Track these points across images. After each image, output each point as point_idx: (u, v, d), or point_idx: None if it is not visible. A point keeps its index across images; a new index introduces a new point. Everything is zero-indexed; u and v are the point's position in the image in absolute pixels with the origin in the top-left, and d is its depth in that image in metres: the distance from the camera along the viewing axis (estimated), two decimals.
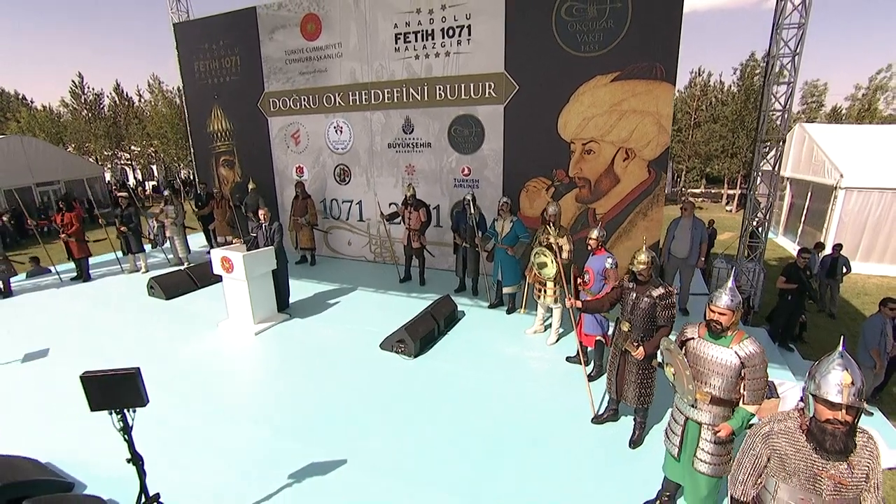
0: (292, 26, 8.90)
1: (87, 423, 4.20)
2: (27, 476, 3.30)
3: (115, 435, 3.15)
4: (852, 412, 1.76)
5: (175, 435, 4.09)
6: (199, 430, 4.14)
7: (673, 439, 2.86)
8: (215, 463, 3.69)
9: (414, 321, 5.54)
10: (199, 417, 4.34)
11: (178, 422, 4.27)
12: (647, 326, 3.50)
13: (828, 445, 1.77)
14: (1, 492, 3.09)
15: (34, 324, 6.79)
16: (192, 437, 4.07)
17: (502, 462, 3.69)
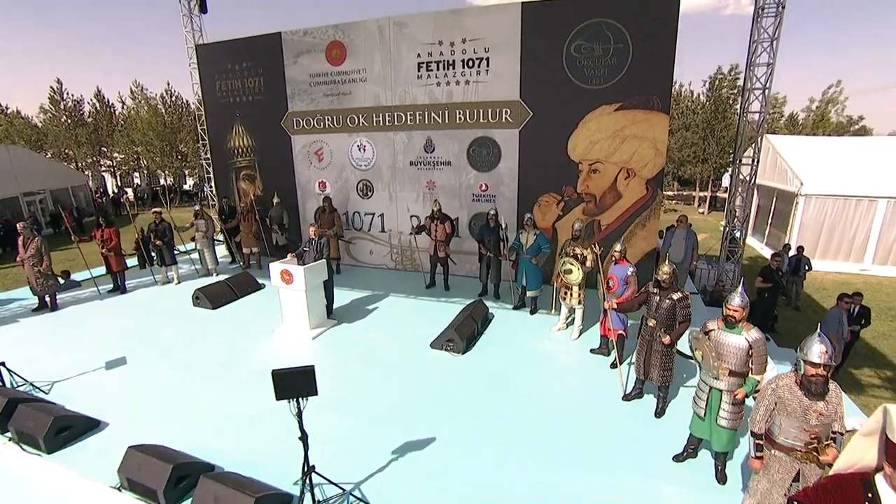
0: (317, 52, 9.64)
1: (191, 419, 4.99)
2: (182, 459, 4.04)
3: (221, 427, 3.95)
4: (827, 369, 2.79)
5: (283, 424, 4.88)
6: (316, 420, 4.93)
7: (700, 404, 3.85)
8: (326, 448, 4.46)
9: (458, 323, 6.43)
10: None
11: (281, 414, 5.04)
12: (669, 322, 4.50)
13: (813, 390, 2.79)
14: (173, 471, 3.84)
15: (95, 335, 7.34)
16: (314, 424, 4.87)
17: (557, 432, 4.63)
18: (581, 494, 3.83)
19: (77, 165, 31.39)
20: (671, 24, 7.26)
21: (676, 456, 4.19)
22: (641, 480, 3.98)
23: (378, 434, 4.62)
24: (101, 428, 5.01)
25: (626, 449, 4.38)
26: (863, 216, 14.15)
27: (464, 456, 4.32)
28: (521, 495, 3.83)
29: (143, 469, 3.95)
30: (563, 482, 3.97)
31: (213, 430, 4.82)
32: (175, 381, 5.88)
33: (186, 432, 4.75)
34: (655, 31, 7.32)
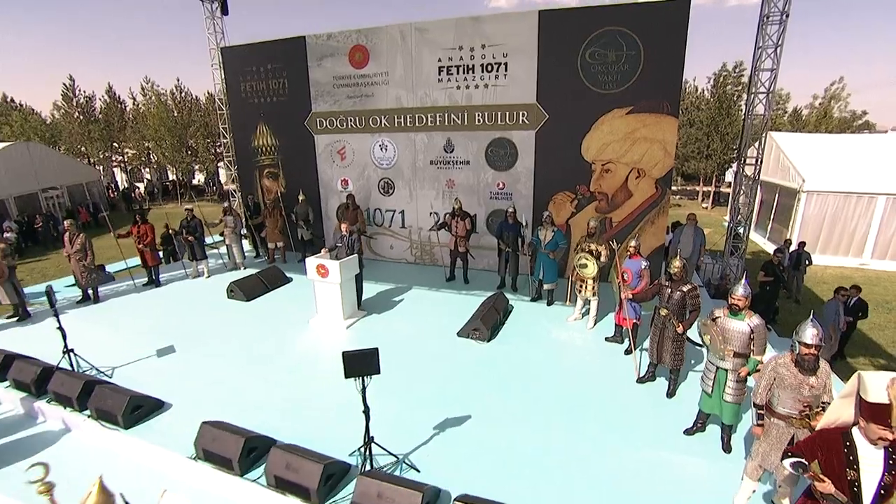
0: (341, 55, 10.10)
1: (244, 401, 5.53)
2: (250, 434, 4.57)
3: (272, 408, 4.44)
4: (818, 349, 3.30)
5: (327, 406, 5.42)
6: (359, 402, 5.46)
7: (708, 382, 4.37)
8: (376, 425, 5.00)
9: (483, 313, 6.96)
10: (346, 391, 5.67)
11: (332, 396, 5.58)
12: (679, 311, 5.01)
13: (805, 366, 3.30)
14: (245, 443, 4.37)
15: (140, 325, 7.88)
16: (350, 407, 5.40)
17: (578, 410, 5.16)
18: (602, 463, 4.36)
19: (89, 161, 31.88)
20: (681, 33, 7.71)
21: (687, 430, 4.72)
22: (656, 451, 4.51)
23: (419, 413, 5.15)
24: (166, 408, 5.55)
25: (642, 424, 4.91)
26: (863, 212, 14.60)
27: (495, 430, 4.85)
28: (546, 464, 4.36)
29: (218, 441, 4.50)
30: (584, 452, 4.51)
31: (266, 411, 5.34)
32: (223, 366, 6.42)
33: (242, 413, 5.25)
34: (666, 39, 7.77)
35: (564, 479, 4.16)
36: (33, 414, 5.87)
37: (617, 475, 4.21)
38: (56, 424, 5.65)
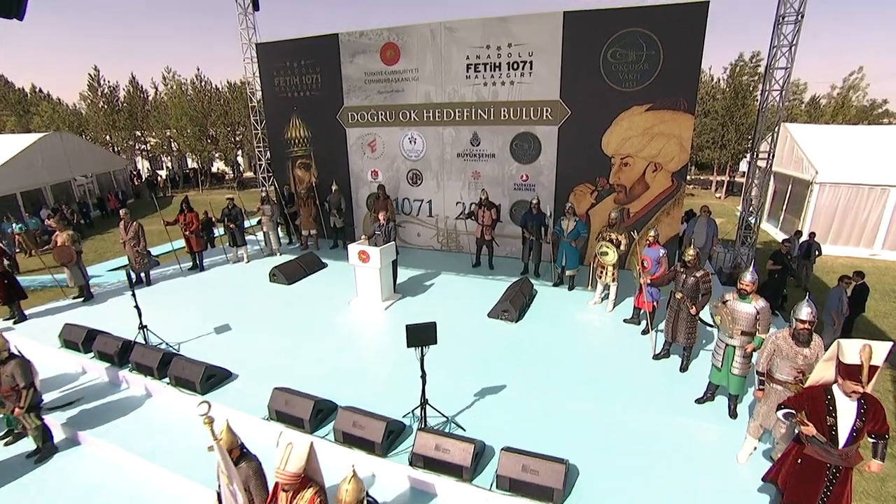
0: (372, 52, 10.64)
1: (300, 373, 6.22)
2: (315, 398, 5.28)
3: (327, 378, 5.10)
4: (811, 324, 3.89)
5: (375, 376, 6.13)
6: (401, 373, 6.17)
7: (718, 357, 4.98)
8: (428, 391, 5.69)
9: (511, 296, 7.60)
10: (390, 365, 6.38)
11: (380, 369, 6.28)
12: (693, 295, 5.60)
13: (800, 339, 3.90)
14: (315, 405, 5.08)
15: (194, 305, 8.63)
16: (395, 378, 6.10)
17: (600, 383, 5.80)
18: (623, 426, 5.02)
19: (114, 150, 32.77)
20: (699, 35, 8.16)
21: (698, 399, 5.35)
22: (671, 417, 5.15)
23: (461, 382, 5.83)
24: (233, 378, 6.30)
25: (658, 394, 5.55)
26: (875, 203, 14.90)
27: (528, 397, 5.53)
28: (576, 426, 5.02)
29: (289, 404, 5.22)
30: (608, 417, 5.16)
31: (322, 381, 6.02)
32: (277, 342, 7.15)
33: (300, 382, 5.90)
34: (684, 40, 8.22)
35: (592, 438, 4.82)
36: (117, 381, 6.67)
37: (638, 435, 4.87)
38: (139, 390, 6.44)
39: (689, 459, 4.55)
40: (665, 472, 4.38)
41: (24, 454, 5.53)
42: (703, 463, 4.51)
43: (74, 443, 5.74)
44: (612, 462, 4.52)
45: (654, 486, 4.23)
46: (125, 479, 5.11)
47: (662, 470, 4.41)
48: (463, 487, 4.28)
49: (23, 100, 31.67)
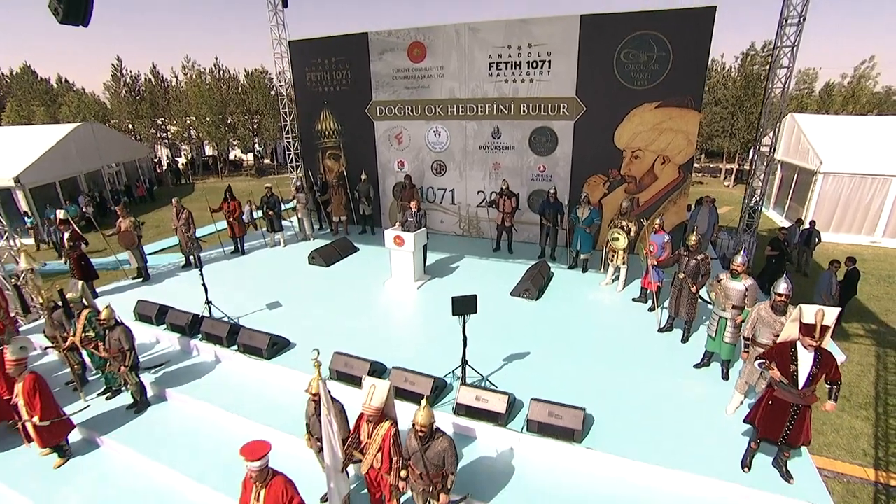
0: (400, 50, 11.41)
1: (349, 341, 7.15)
2: (371, 360, 6.22)
3: (373, 347, 6.01)
4: (787, 297, 4.73)
5: (421, 343, 7.07)
6: (436, 343, 7.11)
7: (712, 328, 5.85)
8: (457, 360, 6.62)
9: (531, 276, 8.48)
10: (426, 336, 7.32)
11: (418, 339, 7.22)
12: (694, 275, 6.44)
13: (778, 310, 4.75)
14: (371, 366, 6.03)
15: (243, 284, 9.59)
16: (432, 346, 7.04)
17: (613, 352, 6.70)
18: (634, 387, 5.92)
19: (136, 138, 33.81)
20: (706, 37, 8.85)
21: (696, 364, 6.25)
22: (674, 379, 6.05)
23: (490, 350, 6.75)
24: (292, 346, 7.27)
25: (662, 361, 6.46)
26: (877, 192, 15.51)
27: (550, 364, 6.45)
28: (592, 386, 5.94)
29: (347, 365, 6.18)
30: (620, 380, 6.07)
31: (370, 348, 6.95)
32: (325, 316, 8.11)
33: (352, 349, 6.88)
34: (693, 43, 8.92)
35: (605, 395, 5.74)
36: (188, 350, 7.68)
37: (644, 393, 5.78)
38: (209, 357, 7.45)
39: (686, 411, 5.46)
40: (666, 421, 5.30)
41: (124, 406, 6.58)
42: (699, 414, 5.42)
43: (162, 399, 6.78)
44: (623, 413, 5.44)
45: (657, 430, 5.15)
46: (211, 426, 6.14)
47: (664, 419, 5.33)
48: (499, 431, 5.23)
49: (49, 90, 32.68)
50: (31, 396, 5.53)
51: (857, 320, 10.47)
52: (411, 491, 4.19)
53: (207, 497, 5.14)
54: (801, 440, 4.15)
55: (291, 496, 3.80)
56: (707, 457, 4.76)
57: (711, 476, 4.54)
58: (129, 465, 5.81)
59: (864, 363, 8.82)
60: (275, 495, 3.75)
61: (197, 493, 5.23)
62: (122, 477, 5.66)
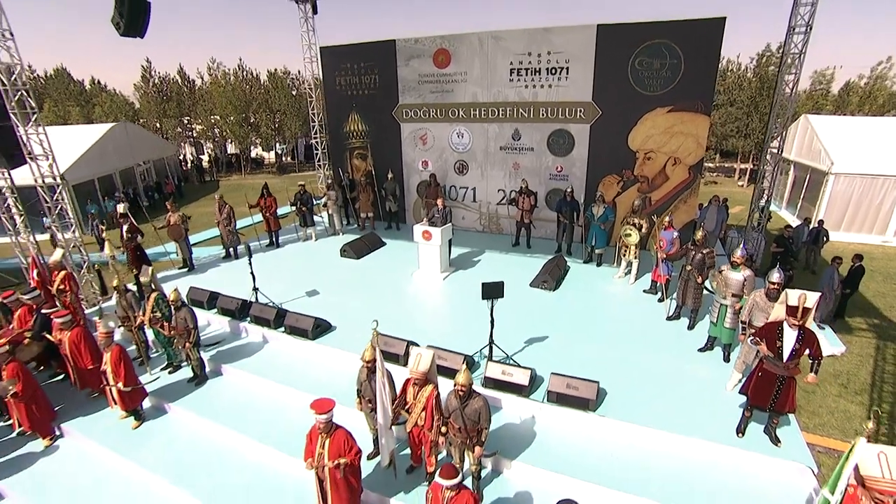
0: (426, 57, 12.14)
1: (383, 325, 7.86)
2: (408, 340, 6.97)
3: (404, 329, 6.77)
4: (779, 285, 5.37)
5: (448, 327, 7.80)
6: (463, 327, 7.84)
7: (713, 314, 6.49)
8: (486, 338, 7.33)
9: (549, 269, 9.17)
10: (452, 321, 8.04)
11: (445, 323, 7.95)
12: (700, 268, 7.08)
13: (771, 297, 5.39)
14: (408, 345, 6.78)
15: (281, 274, 10.39)
16: (459, 329, 7.76)
17: (625, 337, 7.37)
18: (644, 368, 6.59)
19: (163, 136, 35.05)
20: (716, 46, 9.42)
21: (700, 349, 6.90)
22: (680, 362, 6.71)
23: (514, 333, 7.45)
24: (333, 328, 8.06)
25: (669, 345, 7.11)
26: (888, 193, 15.83)
27: (567, 347, 7.15)
28: (607, 367, 6.61)
29: (388, 344, 6.92)
30: (629, 361, 6.74)
31: (404, 330, 7.70)
32: (360, 302, 8.89)
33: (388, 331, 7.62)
34: (703, 51, 9.50)
35: (617, 374, 6.41)
36: (237, 332, 8.52)
37: (653, 373, 6.45)
38: (257, 338, 8.28)
39: (690, 387, 6.13)
40: (672, 395, 5.97)
41: (185, 380, 7.43)
42: (701, 390, 6.08)
43: (218, 373, 7.62)
44: (632, 388, 6.12)
45: (663, 403, 5.82)
46: (264, 396, 6.96)
47: (670, 393, 6.00)
48: (522, 401, 5.96)
49: (83, 91, 34.05)
50: (117, 365, 6.40)
51: (861, 315, 10.94)
52: (450, 445, 4.92)
53: (267, 454, 5.94)
54: (787, 407, 4.80)
55: (351, 445, 4.57)
56: (707, 425, 5.43)
57: (710, 440, 5.21)
58: (194, 428, 6.66)
59: (864, 354, 9.33)
60: (337, 444, 4.52)
61: (256, 452, 6.03)
62: (189, 438, 6.51)
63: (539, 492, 5.05)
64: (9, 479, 6.10)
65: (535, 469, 5.19)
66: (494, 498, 5.06)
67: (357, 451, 4.58)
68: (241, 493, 5.44)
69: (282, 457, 5.80)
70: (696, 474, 5.02)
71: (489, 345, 6.49)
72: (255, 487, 5.53)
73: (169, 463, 6.03)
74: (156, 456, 6.19)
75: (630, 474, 5.03)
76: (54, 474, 6.20)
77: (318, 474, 4.61)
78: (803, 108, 27.04)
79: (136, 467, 6.07)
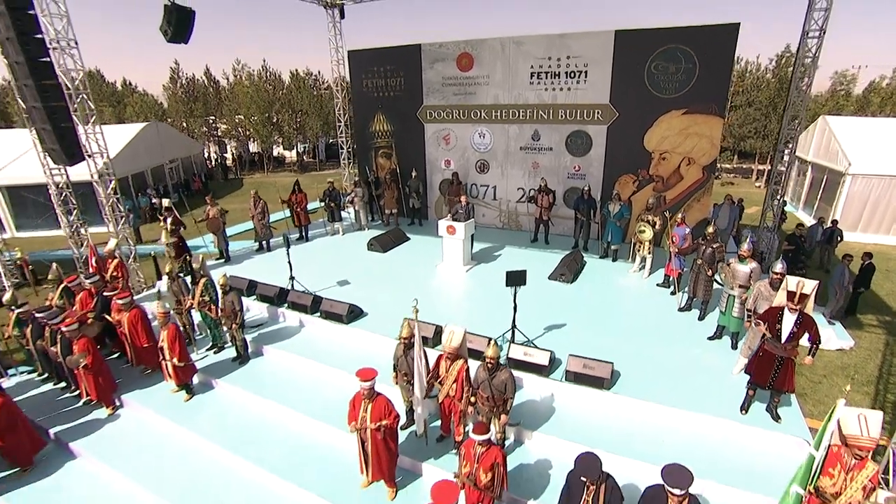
0: (450, 60, 12.71)
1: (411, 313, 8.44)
2: (437, 325, 7.55)
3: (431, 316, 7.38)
4: (781, 275, 5.80)
5: (473, 314, 8.37)
6: (486, 316, 8.40)
7: (722, 304, 6.94)
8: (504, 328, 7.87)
9: (567, 263, 9.67)
10: (475, 310, 8.61)
11: (470, 310, 8.52)
12: (710, 262, 7.53)
13: (774, 286, 5.83)
14: (436, 329, 7.36)
15: (312, 266, 11.02)
16: (483, 316, 8.32)
17: (639, 328, 7.84)
18: (658, 355, 7.05)
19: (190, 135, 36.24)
20: (730, 51, 9.83)
21: (710, 337, 7.35)
22: (692, 349, 7.17)
23: (534, 321, 7.96)
24: (365, 314, 8.68)
25: (681, 334, 7.58)
26: None
27: (583, 333, 7.65)
28: (622, 353, 7.09)
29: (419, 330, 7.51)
30: (646, 349, 7.20)
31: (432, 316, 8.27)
32: (387, 292, 9.47)
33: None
34: (717, 56, 9.90)
35: (632, 359, 6.90)
36: (275, 316, 9.18)
37: (664, 358, 6.92)
38: (294, 322, 8.93)
39: (699, 371, 6.60)
40: (682, 378, 6.45)
41: (230, 359, 8.11)
42: (709, 373, 6.55)
43: (259, 354, 8.28)
44: (645, 371, 6.61)
45: (673, 384, 6.30)
46: (303, 374, 7.60)
47: (680, 376, 6.48)
48: (542, 380, 6.50)
49: (115, 92, 35.42)
50: (173, 342, 7.10)
51: (873, 312, 11.23)
52: (478, 414, 5.48)
53: (309, 425, 6.57)
54: (786, 386, 5.25)
55: (390, 410, 5.16)
56: (713, 403, 5.90)
57: (716, 416, 5.69)
58: (241, 401, 7.33)
59: (873, 349, 9.66)
60: (378, 408, 5.11)
61: (298, 422, 6.66)
62: (235, 411, 7.18)
63: (557, 459, 5.59)
64: (81, 440, 6.85)
65: (553, 439, 5.73)
66: (517, 464, 5.61)
67: (396, 415, 5.17)
68: (287, 458, 6.07)
69: (322, 426, 6.43)
70: (702, 446, 5.50)
71: (512, 329, 7.04)
72: (298, 452, 6.17)
73: (220, 430, 6.71)
74: (207, 424, 6.87)
75: (642, 446, 5.53)
76: (119, 438, 6.93)
77: (360, 436, 5.21)
78: (823, 110, 27.00)
79: (190, 434, 6.76)
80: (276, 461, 6.03)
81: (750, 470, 5.16)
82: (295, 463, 6.00)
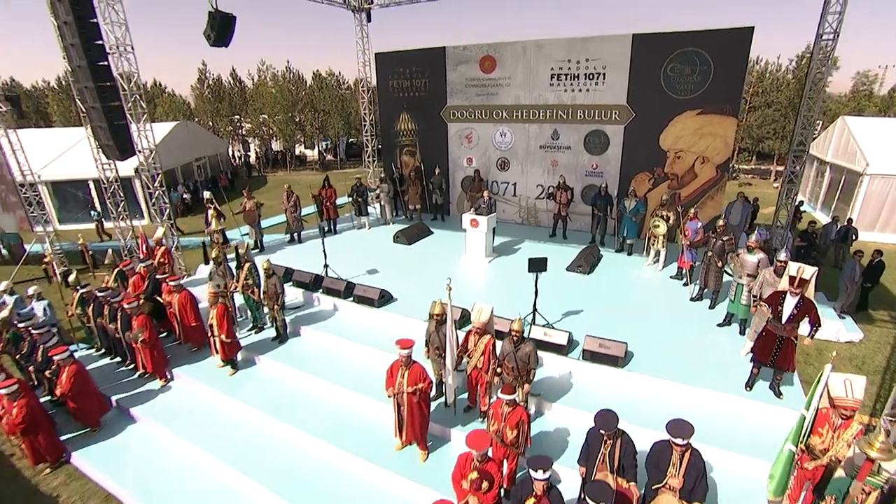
0: (473, 63, 13.29)
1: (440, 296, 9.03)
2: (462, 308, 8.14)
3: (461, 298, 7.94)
4: (785, 262, 6.25)
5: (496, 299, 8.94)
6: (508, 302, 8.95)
7: (731, 293, 7.40)
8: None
9: (584, 255, 10.18)
10: (500, 297, 9.17)
11: (494, 297, 9.10)
12: (721, 254, 7.98)
13: (779, 273, 6.29)
14: (462, 312, 7.95)
15: (342, 257, 11.66)
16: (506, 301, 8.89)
17: (654, 316, 8.32)
18: (671, 340, 7.54)
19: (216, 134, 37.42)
20: (744, 53, 10.23)
21: (719, 324, 7.82)
22: (703, 335, 7.64)
23: (553, 308, 8.50)
24: (395, 299, 9.30)
25: (692, 321, 8.05)
26: None
27: (599, 319, 8.17)
28: (638, 338, 7.55)
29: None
30: (661, 335, 7.69)
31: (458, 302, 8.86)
32: (414, 280, 10.07)
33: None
34: (731, 58, 10.30)
35: (645, 342, 7.40)
36: (310, 301, 9.86)
37: (676, 342, 7.41)
38: (328, 306, 9.59)
39: (708, 353, 7.08)
40: (692, 359, 6.93)
41: (270, 339, 8.80)
42: (718, 355, 7.02)
43: (297, 334, 8.96)
44: (657, 353, 7.11)
45: (684, 364, 6.79)
46: (338, 353, 8.25)
47: (691, 358, 6.97)
48: (561, 359, 7.04)
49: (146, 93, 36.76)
50: (221, 319, 7.80)
51: (884, 308, 11.48)
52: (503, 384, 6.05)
53: (344, 395, 7.21)
54: (786, 365, 5.72)
55: (425, 376, 5.76)
56: (720, 381, 6.39)
57: (723, 392, 6.18)
58: (282, 376, 8.01)
59: (882, 342, 9.96)
60: (414, 375, 5.72)
61: (336, 393, 7.31)
62: (276, 383, 7.86)
63: (574, 427, 6.13)
64: (140, 406, 7.61)
65: (571, 409, 6.28)
66: (537, 431, 6.16)
67: (430, 381, 5.77)
68: (325, 424, 6.70)
69: (357, 396, 7.07)
70: (711, 419, 5.98)
71: (533, 311, 7.59)
72: (335, 419, 6.81)
73: (263, 400, 7.39)
74: (252, 395, 7.56)
75: (653, 418, 6.03)
76: (173, 406, 7.68)
77: (396, 401, 5.82)
78: (844, 110, 26.91)
79: (236, 402, 7.46)
80: (316, 426, 6.68)
81: (753, 441, 5.64)
82: (333, 428, 6.64)
